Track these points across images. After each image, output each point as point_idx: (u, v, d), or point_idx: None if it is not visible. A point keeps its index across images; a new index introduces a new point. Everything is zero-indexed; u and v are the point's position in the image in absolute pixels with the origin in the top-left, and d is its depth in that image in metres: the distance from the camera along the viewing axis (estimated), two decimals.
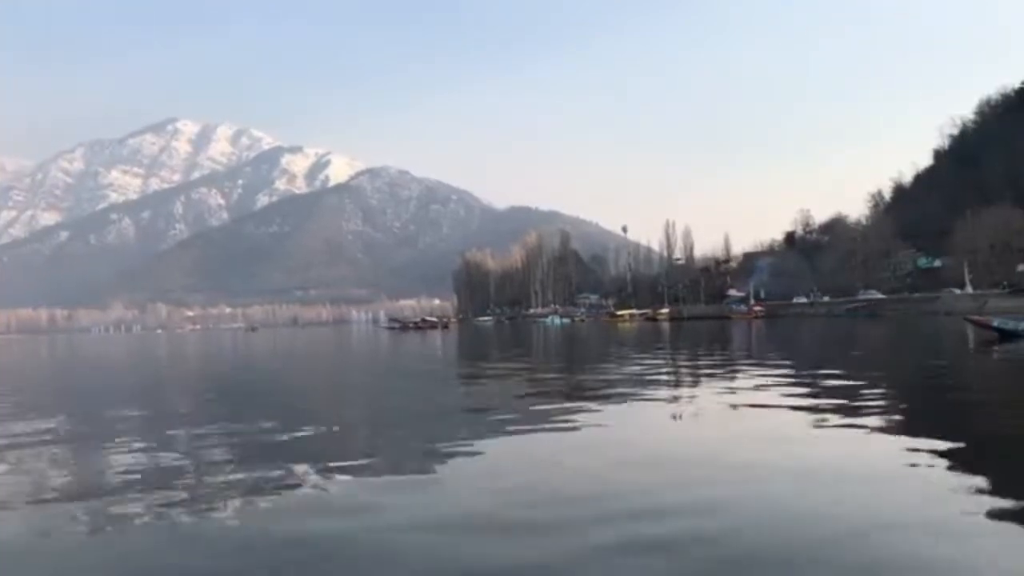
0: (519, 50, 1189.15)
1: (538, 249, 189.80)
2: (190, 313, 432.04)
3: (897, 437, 7.66)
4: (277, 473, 6.91)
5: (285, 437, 8.93)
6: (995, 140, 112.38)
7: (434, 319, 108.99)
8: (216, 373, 24.40)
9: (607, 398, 11.87)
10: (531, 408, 11.08)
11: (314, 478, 6.73)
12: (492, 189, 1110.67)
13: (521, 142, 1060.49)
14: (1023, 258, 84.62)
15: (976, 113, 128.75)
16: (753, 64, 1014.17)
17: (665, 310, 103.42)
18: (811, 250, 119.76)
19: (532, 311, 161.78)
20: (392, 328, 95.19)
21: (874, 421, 8.57)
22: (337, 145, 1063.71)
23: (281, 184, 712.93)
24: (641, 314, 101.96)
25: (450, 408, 12.04)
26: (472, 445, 8.03)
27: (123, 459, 7.92)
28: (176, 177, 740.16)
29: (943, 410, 10.10)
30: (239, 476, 6.83)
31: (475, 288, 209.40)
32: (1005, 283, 77.48)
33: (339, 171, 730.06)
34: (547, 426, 9.21)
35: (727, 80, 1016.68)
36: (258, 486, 6.39)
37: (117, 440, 9.11)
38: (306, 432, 9.26)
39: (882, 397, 11.06)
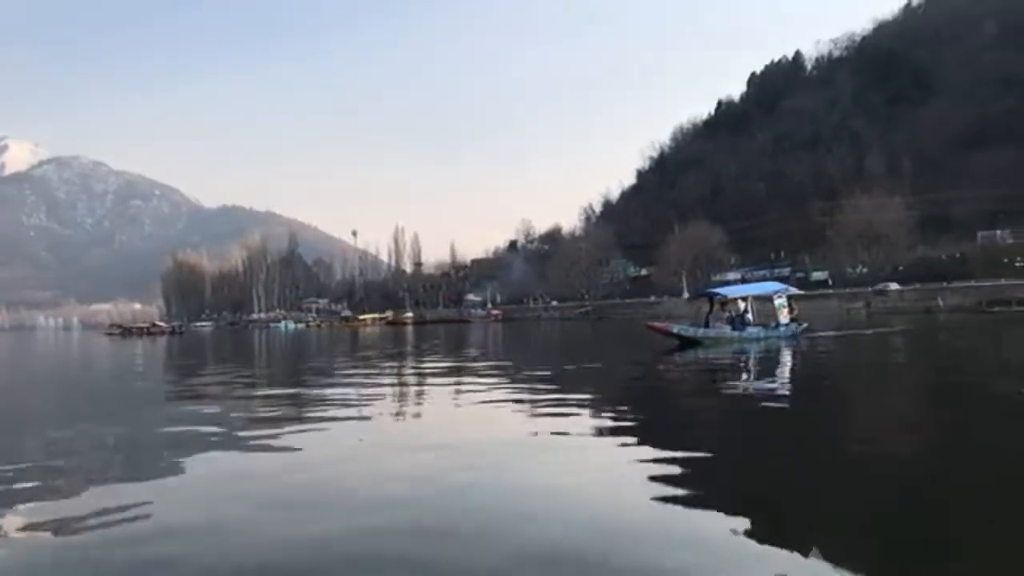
0: (235, 42, 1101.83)
1: (261, 251, 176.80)
2: None
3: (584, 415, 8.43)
4: None
5: None
6: (689, 163, 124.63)
7: (162, 324, 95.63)
8: None
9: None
10: None
11: None
12: (201, 186, 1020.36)
13: (234, 138, 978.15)
14: (721, 268, 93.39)
15: (672, 139, 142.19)
16: (477, 72, 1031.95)
17: (409, 314, 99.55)
18: (537, 258, 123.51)
19: (255, 316, 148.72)
20: (111, 334, 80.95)
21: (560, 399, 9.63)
22: (16, 129, 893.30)
23: None
24: (382, 318, 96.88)
25: None
26: None
27: None
28: None
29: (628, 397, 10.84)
30: None
31: (187, 291, 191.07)
32: (699, 288, 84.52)
33: (18, 158, 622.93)
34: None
35: (453, 86, 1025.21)
36: None
37: None
38: None
39: (585, 387, 11.59)
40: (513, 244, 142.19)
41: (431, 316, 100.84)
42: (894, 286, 69.18)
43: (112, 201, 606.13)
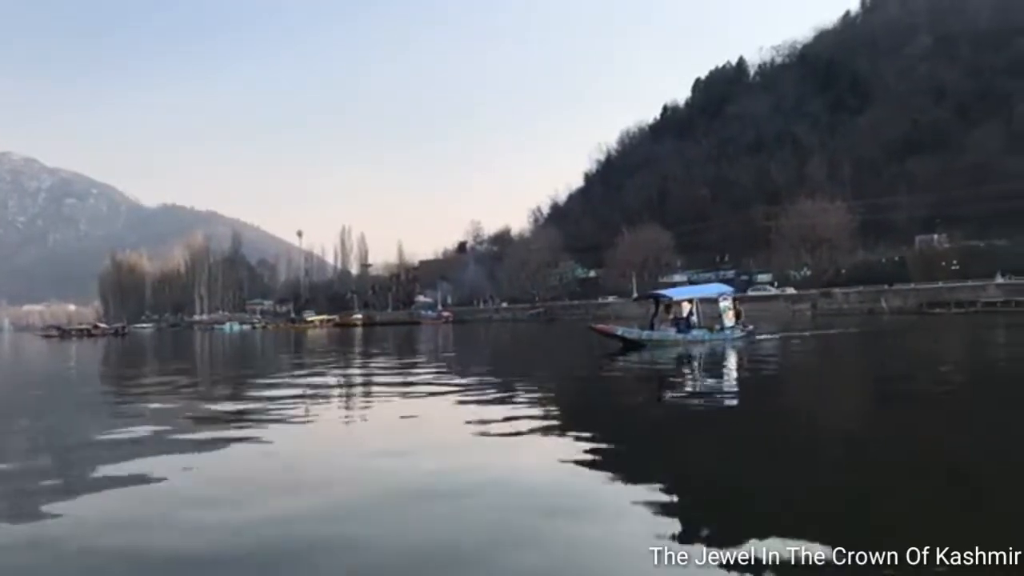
0: (174, 39, 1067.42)
1: (204, 251, 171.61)
2: None
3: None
4: None
5: None
6: (635, 167, 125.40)
7: (104, 325, 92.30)
8: None
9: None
10: None
11: None
12: (140, 185, 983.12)
13: (175, 136, 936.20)
14: (668, 270, 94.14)
15: (618, 142, 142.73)
16: (423, 74, 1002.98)
17: (358, 316, 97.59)
18: (487, 259, 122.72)
19: (198, 318, 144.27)
20: (48, 336, 77.52)
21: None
22: None
23: None
24: (329, 320, 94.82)
25: None
26: None
27: None
28: None
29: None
30: None
31: (127, 292, 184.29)
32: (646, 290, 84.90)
33: None
34: None
35: (399, 87, 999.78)
36: None
37: None
38: None
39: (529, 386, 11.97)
40: (462, 246, 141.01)
41: (381, 318, 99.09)
42: (791, 290, 72.87)
43: (45, 199, 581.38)
